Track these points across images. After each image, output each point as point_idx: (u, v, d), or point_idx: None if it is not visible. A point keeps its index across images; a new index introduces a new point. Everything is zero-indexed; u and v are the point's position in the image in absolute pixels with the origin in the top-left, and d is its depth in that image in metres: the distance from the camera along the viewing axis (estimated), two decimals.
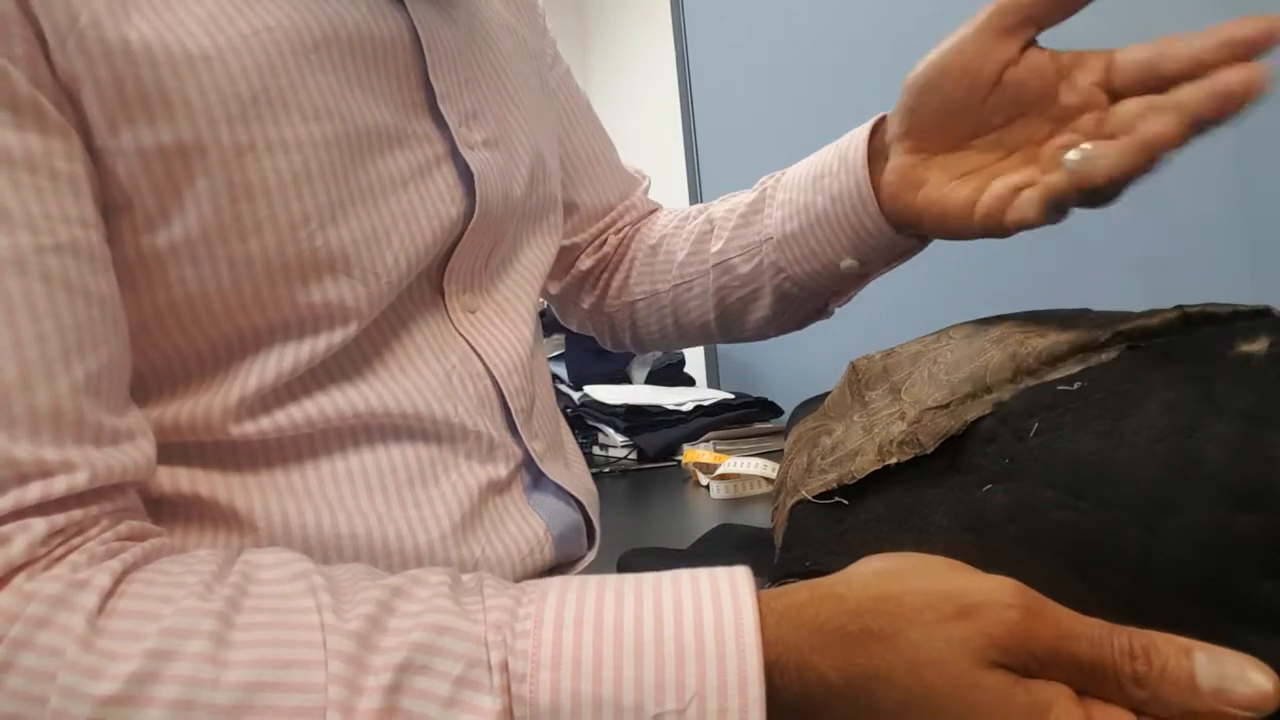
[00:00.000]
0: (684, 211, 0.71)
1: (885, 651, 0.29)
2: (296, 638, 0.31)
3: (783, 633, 0.31)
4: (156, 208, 0.38)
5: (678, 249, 0.67)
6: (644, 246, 0.71)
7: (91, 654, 0.30)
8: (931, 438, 0.39)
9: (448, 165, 0.48)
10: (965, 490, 0.38)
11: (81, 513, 0.34)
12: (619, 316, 0.73)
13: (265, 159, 0.40)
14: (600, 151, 0.72)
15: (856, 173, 0.54)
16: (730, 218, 0.63)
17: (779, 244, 0.60)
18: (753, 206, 0.62)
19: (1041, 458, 0.36)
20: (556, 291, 0.76)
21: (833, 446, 0.44)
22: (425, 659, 0.30)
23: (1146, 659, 0.28)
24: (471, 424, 0.48)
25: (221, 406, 0.41)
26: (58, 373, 0.33)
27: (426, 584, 0.33)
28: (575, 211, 0.71)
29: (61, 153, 0.35)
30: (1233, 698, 0.27)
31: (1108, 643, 0.28)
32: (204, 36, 0.39)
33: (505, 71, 0.56)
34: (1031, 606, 0.29)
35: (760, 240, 0.61)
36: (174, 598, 0.32)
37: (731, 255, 0.63)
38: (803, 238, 0.58)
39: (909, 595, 0.30)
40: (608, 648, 0.30)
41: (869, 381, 0.46)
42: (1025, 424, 0.38)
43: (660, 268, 0.68)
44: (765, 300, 0.62)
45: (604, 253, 0.73)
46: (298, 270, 0.41)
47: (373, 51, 0.45)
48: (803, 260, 0.59)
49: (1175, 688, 0.27)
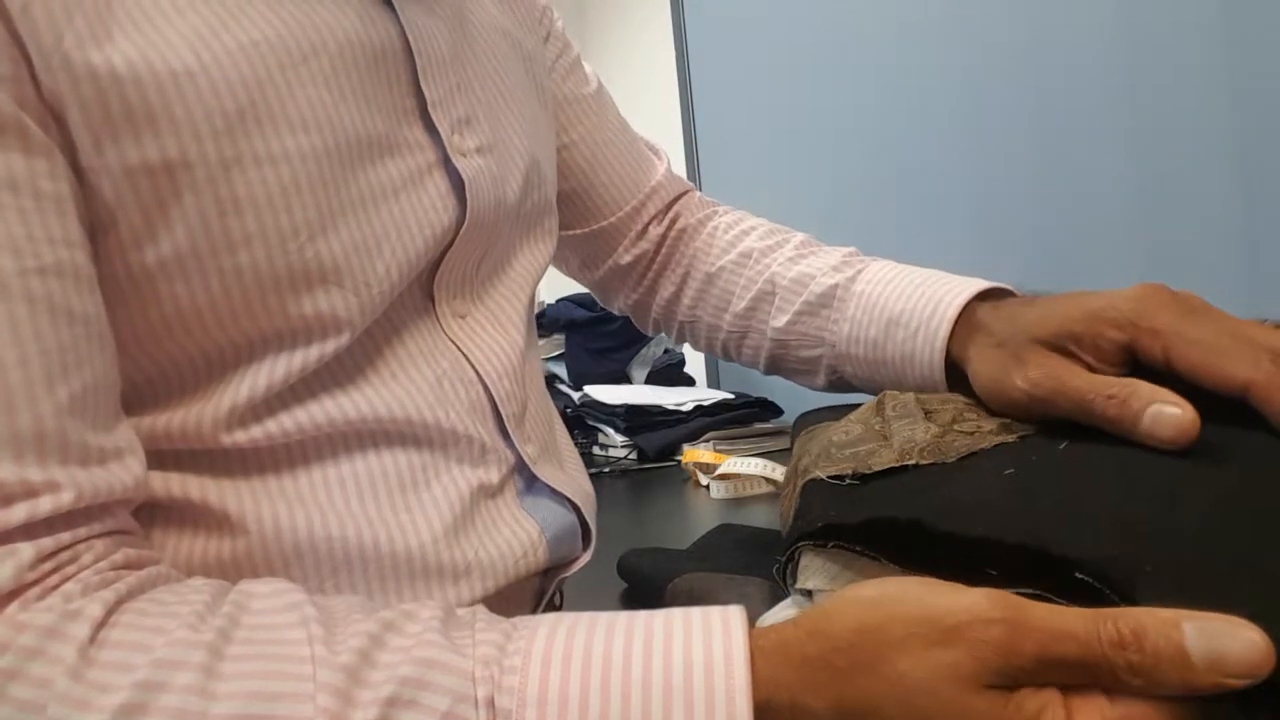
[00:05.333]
0: (743, 237, 0.69)
1: (874, 684, 0.29)
2: (286, 670, 0.31)
3: (773, 671, 0.30)
4: (144, 225, 0.38)
5: (734, 295, 0.67)
6: (700, 272, 0.69)
7: (81, 685, 0.30)
8: (955, 452, 0.40)
9: (439, 173, 0.48)
10: (983, 474, 0.38)
11: (70, 535, 0.34)
12: (665, 321, 0.74)
13: (253, 172, 0.40)
14: (613, 137, 0.71)
15: (933, 348, 0.54)
16: (796, 294, 0.63)
17: (841, 356, 0.60)
18: (822, 299, 0.61)
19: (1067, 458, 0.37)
20: (594, 280, 0.75)
21: (850, 442, 0.44)
22: (413, 693, 0.30)
23: (1138, 645, 0.27)
24: (463, 429, 0.48)
25: (212, 416, 0.41)
26: (41, 395, 0.33)
27: (418, 618, 0.33)
28: (595, 201, 0.71)
29: (46, 172, 0.35)
30: (1227, 666, 0.26)
31: (1095, 636, 0.27)
32: (188, 53, 0.38)
33: (499, 76, 0.56)
34: (1012, 617, 0.28)
35: (822, 339, 0.62)
36: (166, 628, 0.32)
37: (790, 338, 0.63)
38: (866, 365, 0.59)
39: (891, 624, 0.30)
40: (595, 686, 0.30)
41: (896, 407, 0.46)
42: (1054, 442, 0.39)
43: (715, 302, 0.68)
44: (819, 380, 0.64)
45: (644, 249, 0.71)
46: (288, 282, 0.41)
47: (363, 59, 0.45)
48: (862, 379, 0.60)
49: (1171, 667, 0.27)
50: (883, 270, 0.60)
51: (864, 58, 1.42)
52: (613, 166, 0.71)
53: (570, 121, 0.69)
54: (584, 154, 0.70)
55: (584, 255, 0.73)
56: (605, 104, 0.72)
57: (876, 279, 0.59)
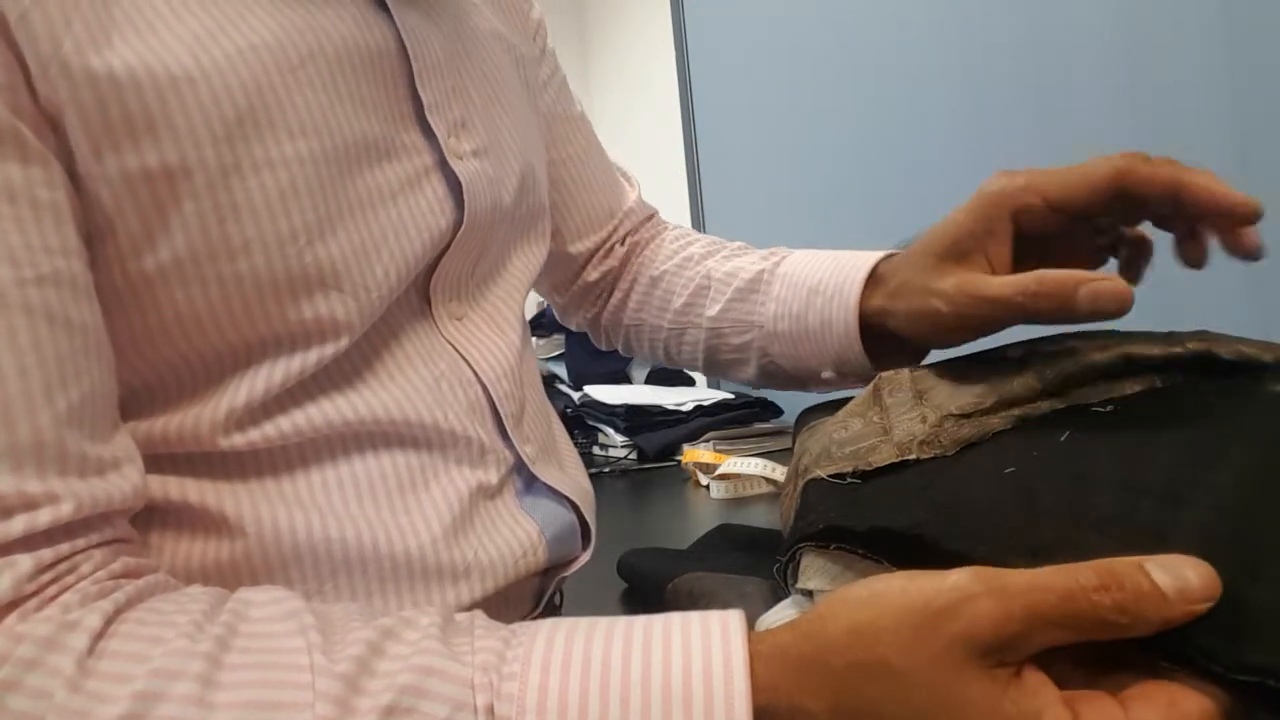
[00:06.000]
0: (685, 244, 0.72)
1: (872, 683, 0.29)
2: (285, 679, 0.31)
3: (772, 677, 0.31)
4: (143, 232, 0.38)
5: (675, 294, 0.69)
6: (645, 276, 0.72)
7: (79, 696, 0.30)
8: (954, 443, 0.40)
9: (436, 176, 0.48)
10: (983, 469, 0.38)
11: (69, 545, 0.33)
12: (613, 331, 0.76)
13: (252, 178, 0.40)
14: (594, 160, 0.73)
15: (847, 308, 0.56)
16: (729, 284, 0.66)
17: (769, 335, 0.63)
18: (750, 284, 0.64)
19: (1068, 448, 0.37)
20: (563, 301, 0.77)
21: (849, 439, 0.44)
22: (411, 701, 0.30)
23: (1118, 584, 0.28)
24: (461, 430, 0.48)
25: (211, 419, 0.41)
26: (39, 405, 0.33)
27: (417, 625, 0.33)
28: (571, 219, 0.72)
29: (42, 181, 0.35)
30: (1191, 594, 0.28)
31: (1074, 583, 0.28)
32: (188, 58, 0.38)
33: (495, 79, 0.56)
34: (995, 587, 0.29)
35: (751, 321, 0.64)
36: (164, 638, 0.31)
37: (723, 325, 0.66)
38: (790, 340, 0.61)
39: (882, 619, 0.30)
40: (594, 692, 0.30)
41: (892, 390, 0.46)
42: (1054, 435, 0.39)
43: (656, 305, 0.71)
44: (751, 369, 0.66)
45: (610, 265, 0.74)
46: (287, 287, 0.41)
47: (360, 63, 0.45)
48: (787, 357, 0.62)
49: (1151, 602, 0.28)
50: (804, 254, 0.63)
51: (864, 58, 1.42)
52: (593, 188, 0.73)
53: (558, 139, 0.71)
54: (569, 173, 0.71)
55: (553, 275, 0.75)
56: (588, 127, 0.74)
57: (799, 260, 0.63)
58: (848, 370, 0.59)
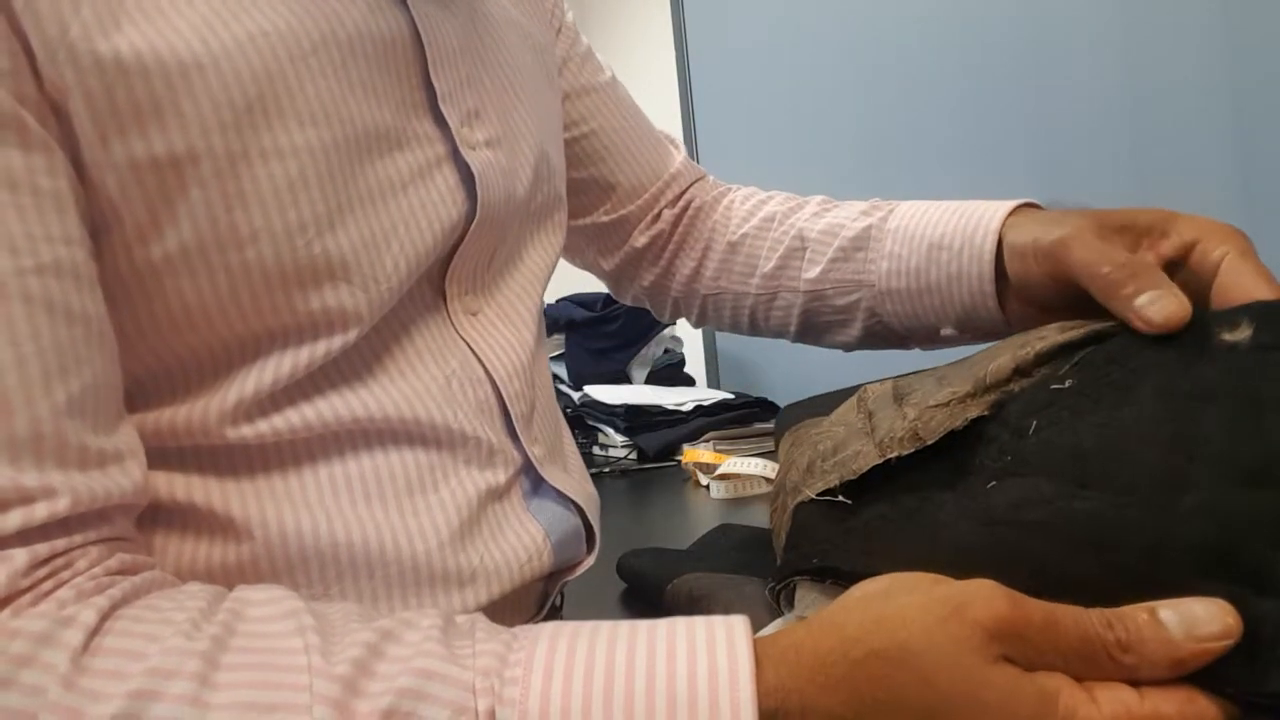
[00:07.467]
0: (763, 205, 0.69)
1: (893, 671, 0.29)
2: (282, 680, 0.30)
3: (782, 678, 0.30)
4: (149, 220, 0.38)
5: (762, 256, 0.67)
6: (722, 241, 0.69)
7: (73, 694, 0.29)
8: (932, 433, 0.40)
9: (449, 166, 0.47)
10: (970, 488, 0.38)
11: (65, 541, 0.33)
12: (686, 301, 0.73)
13: (260, 167, 0.39)
14: (631, 125, 0.71)
15: (983, 263, 0.54)
16: (827, 244, 0.63)
17: (881, 294, 0.60)
18: (855, 242, 0.61)
19: (1043, 452, 0.37)
20: (610, 267, 0.75)
21: (834, 449, 0.44)
22: (412, 705, 0.30)
23: (1124, 627, 0.29)
24: (471, 430, 0.47)
25: (218, 410, 0.41)
26: (38, 396, 0.33)
27: (418, 627, 0.33)
28: (615, 189, 0.71)
29: (44, 169, 0.34)
30: (1204, 633, 0.29)
31: (1086, 619, 0.30)
32: (197, 43, 0.38)
33: (510, 68, 0.55)
34: (1014, 597, 0.30)
35: (860, 281, 0.61)
36: (161, 636, 0.31)
37: (824, 287, 0.63)
38: (908, 298, 0.58)
39: (905, 609, 0.30)
40: (597, 697, 0.30)
41: (876, 398, 0.46)
42: (1024, 423, 0.38)
43: (740, 269, 0.68)
44: (854, 331, 0.63)
45: (660, 229, 0.72)
46: (296, 278, 0.41)
47: (372, 51, 0.44)
48: (902, 316, 0.59)
49: (1157, 643, 0.29)
50: (914, 206, 0.60)
51: (863, 57, 1.42)
52: (632, 153, 0.71)
53: (589, 111, 0.69)
54: (604, 141, 0.70)
55: (600, 244, 0.73)
56: (621, 92, 0.73)
57: (910, 214, 0.60)
58: (974, 325, 0.56)
